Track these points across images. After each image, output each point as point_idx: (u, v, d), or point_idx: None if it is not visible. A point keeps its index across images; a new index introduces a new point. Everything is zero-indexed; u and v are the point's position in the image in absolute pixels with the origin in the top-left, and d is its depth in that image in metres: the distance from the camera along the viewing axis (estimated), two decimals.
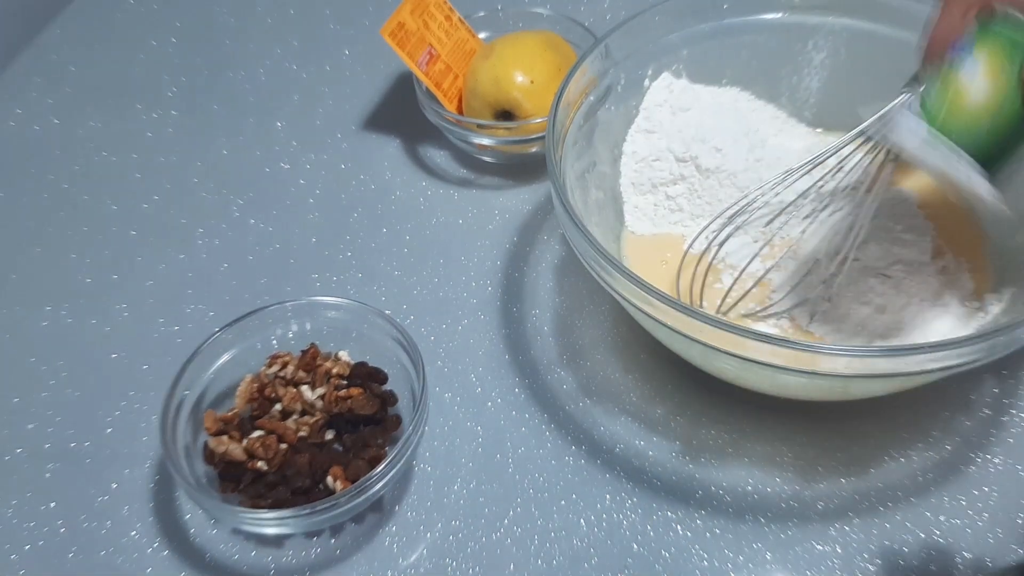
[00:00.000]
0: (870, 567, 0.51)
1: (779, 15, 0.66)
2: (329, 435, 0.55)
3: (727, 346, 0.48)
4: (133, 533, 0.54)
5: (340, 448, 0.55)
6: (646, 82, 0.66)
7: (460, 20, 0.75)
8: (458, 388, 0.60)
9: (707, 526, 0.53)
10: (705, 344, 0.48)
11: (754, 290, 0.58)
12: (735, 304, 0.58)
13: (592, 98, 0.63)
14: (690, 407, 0.58)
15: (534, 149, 0.71)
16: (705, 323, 0.47)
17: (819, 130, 0.69)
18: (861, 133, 0.57)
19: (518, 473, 0.56)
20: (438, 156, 0.76)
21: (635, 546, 0.53)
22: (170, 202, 0.73)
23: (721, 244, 0.59)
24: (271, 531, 0.52)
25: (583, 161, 0.62)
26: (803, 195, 0.59)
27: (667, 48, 0.66)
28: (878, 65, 0.65)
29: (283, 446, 0.54)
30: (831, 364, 0.47)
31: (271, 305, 0.58)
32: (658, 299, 0.48)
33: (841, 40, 0.66)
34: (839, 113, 0.67)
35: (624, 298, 0.51)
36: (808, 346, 0.47)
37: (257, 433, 0.54)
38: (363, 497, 0.51)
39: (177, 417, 0.54)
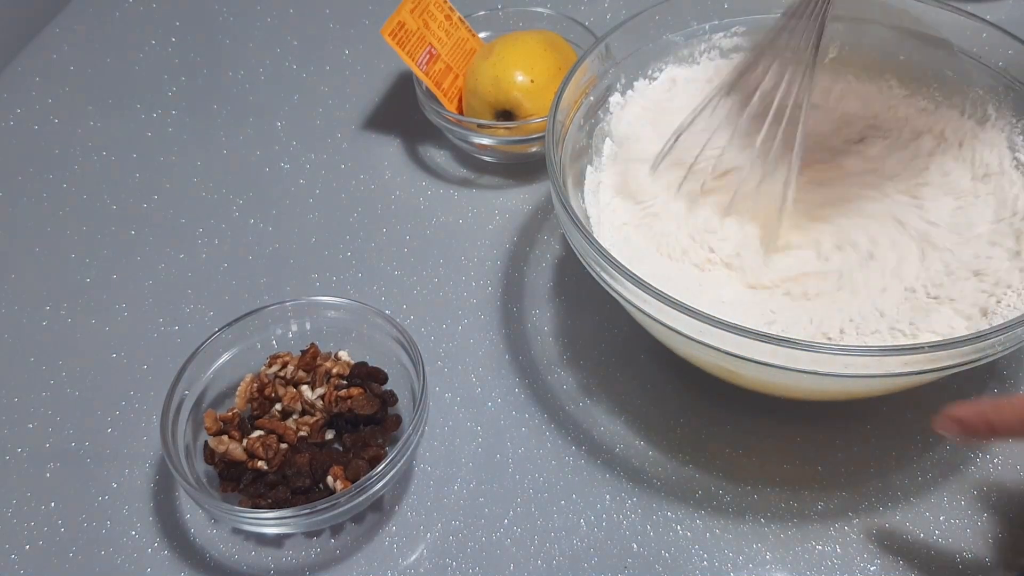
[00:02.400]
0: (870, 567, 0.51)
1: (780, 15, 0.66)
2: (329, 435, 0.55)
3: (728, 346, 0.48)
4: (133, 533, 0.54)
5: (340, 448, 0.55)
6: (646, 81, 0.66)
7: (460, 19, 0.75)
8: (458, 388, 0.60)
9: (707, 526, 0.53)
10: (705, 343, 0.48)
11: None
12: None
13: (592, 98, 0.63)
14: (690, 407, 0.58)
15: (534, 149, 0.71)
16: (705, 323, 0.47)
17: None
18: None
19: (518, 473, 0.56)
20: (438, 156, 0.76)
21: (635, 546, 0.53)
22: (170, 202, 0.73)
23: None
24: (271, 531, 0.52)
25: (583, 161, 0.62)
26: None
27: (668, 47, 0.66)
28: (873, 64, 0.66)
29: (283, 446, 0.54)
30: (830, 364, 0.47)
31: (271, 305, 0.58)
32: (658, 299, 0.48)
33: (839, 39, 0.66)
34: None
35: (624, 298, 0.51)
36: (808, 345, 0.47)
37: (257, 433, 0.54)
38: (363, 497, 0.51)
39: (177, 417, 0.54)
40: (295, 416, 0.56)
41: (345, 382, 0.56)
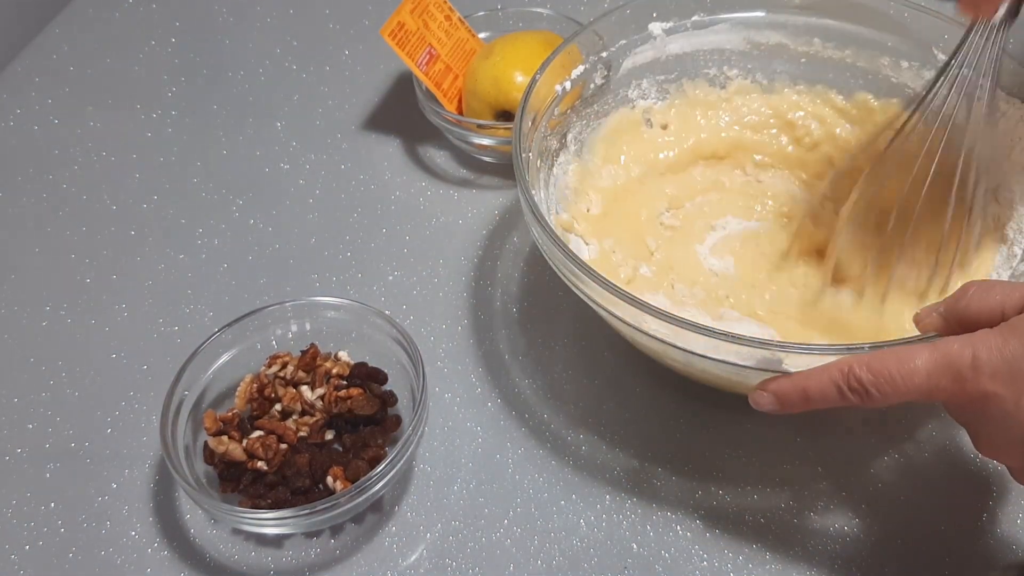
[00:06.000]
0: (870, 567, 0.51)
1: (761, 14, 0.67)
2: (329, 435, 0.55)
3: (705, 350, 0.48)
4: (133, 533, 0.54)
5: (340, 448, 0.55)
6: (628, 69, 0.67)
7: (460, 20, 0.75)
8: (458, 388, 0.60)
9: (707, 526, 0.53)
10: (669, 344, 0.49)
11: None
12: None
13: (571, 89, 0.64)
14: (690, 408, 0.58)
15: None
16: (677, 327, 0.47)
17: None
18: None
19: (518, 473, 0.56)
20: (438, 156, 0.76)
21: (635, 546, 0.53)
22: (170, 202, 0.73)
23: None
24: (271, 531, 0.52)
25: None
26: None
27: (648, 41, 0.67)
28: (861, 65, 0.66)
29: (283, 446, 0.54)
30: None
31: (271, 305, 0.58)
32: (617, 297, 0.49)
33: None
34: None
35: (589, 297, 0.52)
36: (806, 348, 0.47)
37: (257, 433, 0.54)
38: (363, 497, 0.51)
39: (177, 417, 0.54)
40: (295, 416, 0.56)
41: (345, 382, 0.56)
